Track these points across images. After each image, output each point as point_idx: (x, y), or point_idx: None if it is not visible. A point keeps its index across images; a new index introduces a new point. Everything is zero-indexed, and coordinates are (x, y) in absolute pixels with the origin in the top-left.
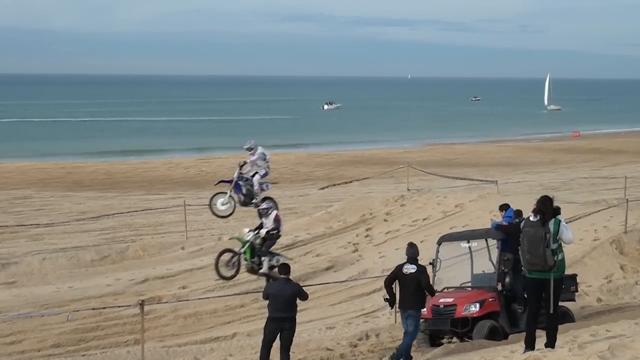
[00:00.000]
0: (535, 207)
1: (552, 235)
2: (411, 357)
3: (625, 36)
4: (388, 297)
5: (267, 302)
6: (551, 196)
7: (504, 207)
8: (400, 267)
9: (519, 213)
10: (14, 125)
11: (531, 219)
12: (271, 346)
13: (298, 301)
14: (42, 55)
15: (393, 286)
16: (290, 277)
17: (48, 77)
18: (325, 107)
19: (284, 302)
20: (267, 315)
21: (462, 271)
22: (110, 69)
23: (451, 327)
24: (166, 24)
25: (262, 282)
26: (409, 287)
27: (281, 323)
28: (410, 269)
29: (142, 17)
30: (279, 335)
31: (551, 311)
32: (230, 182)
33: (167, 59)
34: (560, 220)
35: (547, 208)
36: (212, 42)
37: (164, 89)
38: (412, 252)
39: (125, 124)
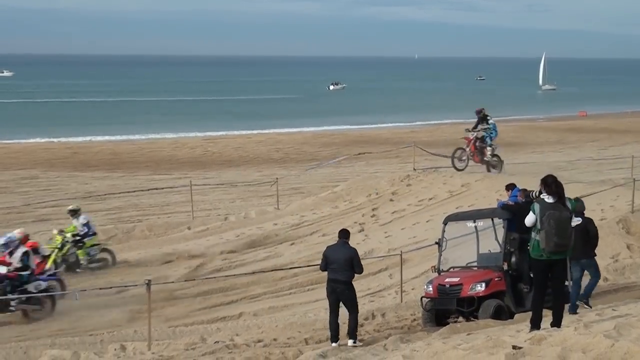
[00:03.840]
0: (548, 188)
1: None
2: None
3: (632, 15)
4: None
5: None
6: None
7: (510, 187)
8: None
9: (525, 192)
10: (20, 105)
11: (548, 200)
12: (337, 312)
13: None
14: (46, 35)
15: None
16: (349, 241)
17: (53, 58)
18: (331, 87)
19: (338, 264)
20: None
21: (468, 251)
22: (115, 49)
23: (457, 306)
24: (170, 4)
25: (268, 263)
26: (577, 238)
27: (335, 285)
28: (576, 220)
29: None
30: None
31: (569, 289)
32: None
33: (171, 39)
34: (572, 200)
35: (562, 189)
36: (216, 21)
37: (168, 69)
38: (579, 207)
39: (131, 104)
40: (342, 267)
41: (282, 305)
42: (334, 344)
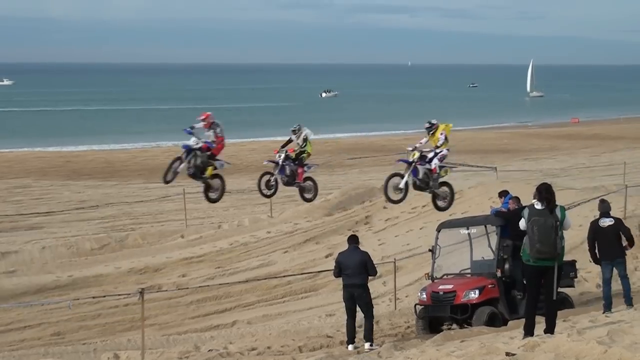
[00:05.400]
0: (539, 194)
1: (560, 223)
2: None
3: (624, 22)
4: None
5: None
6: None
7: (503, 194)
8: (595, 223)
9: (517, 200)
10: (17, 114)
11: (537, 207)
12: (354, 316)
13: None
14: (39, 44)
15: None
16: (359, 246)
17: (54, 66)
18: (324, 94)
19: (352, 269)
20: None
21: (461, 258)
22: (108, 57)
23: (451, 313)
24: (163, 12)
25: (262, 271)
26: (610, 238)
27: (352, 289)
28: (607, 222)
29: (139, 4)
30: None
31: (554, 298)
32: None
33: (164, 47)
34: (564, 208)
35: (553, 196)
36: (210, 29)
37: (162, 77)
38: (605, 207)
39: (125, 112)
40: (356, 271)
41: (275, 313)
42: (350, 347)
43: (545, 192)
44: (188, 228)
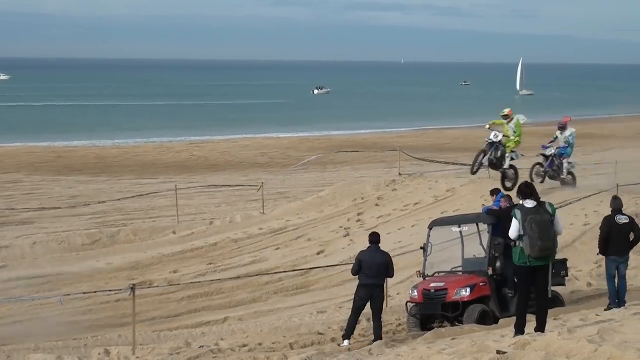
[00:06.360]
0: (522, 194)
1: (553, 218)
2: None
3: (618, 21)
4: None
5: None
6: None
7: (495, 192)
8: (611, 219)
9: (509, 198)
10: (10, 109)
11: (528, 205)
12: (360, 314)
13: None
14: (37, 40)
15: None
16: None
17: (51, 61)
18: (316, 91)
19: (374, 269)
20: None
21: (453, 256)
22: (102, 53)
23: (442, 311)
24: (156, 8)
25: (254, 267)
26: (624, 236)
27: (371, 290)
28: (623, 219)
29: (136, 0)
30: (369, 304)
31: (549, 296)
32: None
33: (157, 43)
34: (553, 205)
35: (534, 189)
36: (202, 26)
37: (153, 74)
38: (618, 204)
39: (116, 108)
40: (379, 272)
41: (267, 310)
42: (345, 342)
43: (525, 188)
44: (180, 224)
